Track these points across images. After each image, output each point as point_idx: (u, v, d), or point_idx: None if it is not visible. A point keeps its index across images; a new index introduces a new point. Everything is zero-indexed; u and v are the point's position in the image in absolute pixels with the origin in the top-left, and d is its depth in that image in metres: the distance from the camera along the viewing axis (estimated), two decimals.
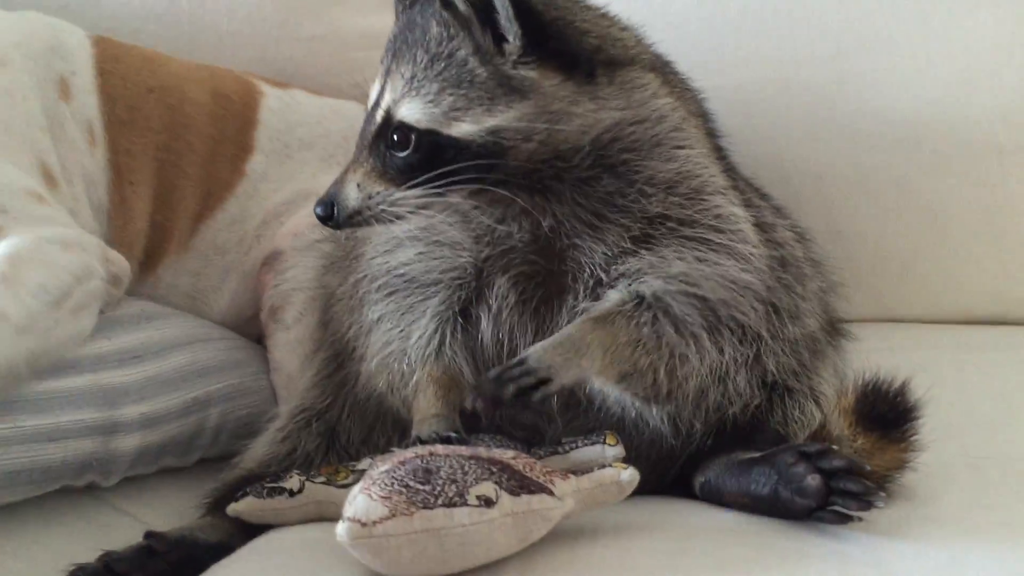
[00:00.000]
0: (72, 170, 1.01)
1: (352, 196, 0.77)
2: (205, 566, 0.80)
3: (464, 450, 0.70)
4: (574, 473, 0.72)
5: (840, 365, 0.94)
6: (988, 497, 0.78)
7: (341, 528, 0.64)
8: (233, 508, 0.82)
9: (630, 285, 0.79)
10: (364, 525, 0.63)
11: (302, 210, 1.12)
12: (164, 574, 0.81)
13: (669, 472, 0.85)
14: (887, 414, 0.78)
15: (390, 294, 0.86)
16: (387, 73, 0.78)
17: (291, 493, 0.79)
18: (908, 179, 1.19)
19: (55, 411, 0.88)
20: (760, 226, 0.87)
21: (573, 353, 0.75)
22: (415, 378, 0.83)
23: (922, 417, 0.78)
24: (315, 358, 0.96)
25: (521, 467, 0.69)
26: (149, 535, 0.82)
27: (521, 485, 0.67)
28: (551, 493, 0.68)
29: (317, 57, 1.37)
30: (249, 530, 0.83)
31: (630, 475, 0.72)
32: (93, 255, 0.93)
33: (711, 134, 0.89)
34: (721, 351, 0.79)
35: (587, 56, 0.79)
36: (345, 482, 0.77)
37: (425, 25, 0.77)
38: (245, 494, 0.82)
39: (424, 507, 0.64)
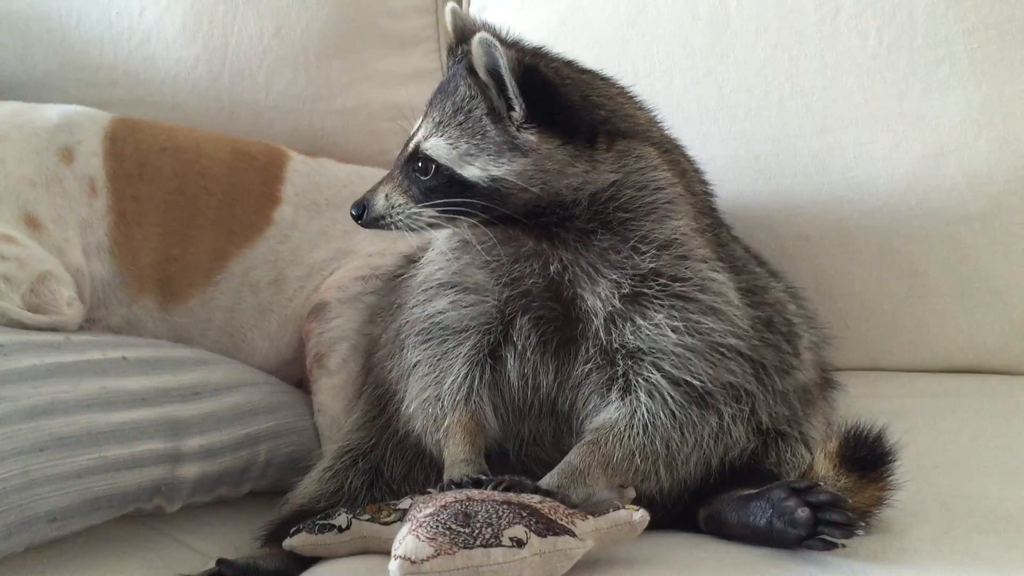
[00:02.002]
0: (66, 217, 1.14)
1: (380, 203, 0.90)
2: None
3: (498, 496, 0.77)
4: (592, 514, 0.78)
5: (830, 413, 1.01)
6: (955, 531, 0.83)
7: (393, 565, 0.72)
8: (288, 543, 0.87)
9: (627, 390, 0.86)
10: (413, 563, 0.71)
11: (343, 266, 1.22)
12: None
13: (677, 506, 0.90)
14: (866, 457, 0.83)
15: (427, 340, 0.94)
16: (426, 113, 0.90)
17: (339, 529, 0.84)
18: (888, 242, 1.23)
19: (131, 442, 0.94)
20: (752, 290, 0.94)
21: (578, 479, 0.83)
22: (446, 423, 0.90)
23: (897, 460, 0.83)
24: (359, 402, 1.03)
25: (547, 511, 0.77)
26: (220, 562, 0.88)
27: (548, 528, 0.75)
28: (573, 534, 0.75)
29: (347, 128, 1.46)
30: (303, 561, 0.89)
31: (641, 516, 0.79)
32: (13, 281, 1.03)
33: (706, 211, 0.96)
34: (719, 414, 0.87)
35: (589, 124, 0.87)
36: (388, 519, 0.83)
37: (457, 82, 0.88)
38: (299, 530, 0.87)
39: (464, 547, 0.72)
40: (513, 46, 0.89)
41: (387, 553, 0.78)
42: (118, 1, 1.47)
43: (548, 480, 0.82)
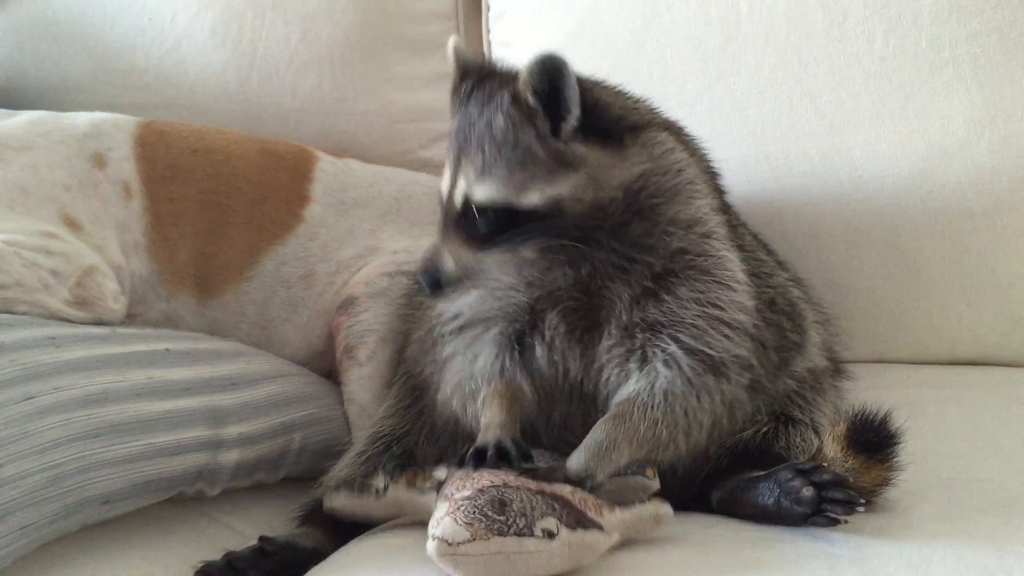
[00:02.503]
0: (103, 218, 1.18)
1: (451, 267, 0.87)
2: (303, 567, 0.91)
3: (532, 484, 0.80)
4: (619, 504, 0.82)
5: (839, 401, 1.03)
6: (955, 510, 0.85)
7: (431, 545, 0.75)
8: (329, 502, 0.90)
9: (644, 360, 0.88)
10: (450, 544, 0.75)
11: (370, 263, 1.26)
12: (271, 572, 0.91)
13: (692, 488, 0.93)
14: (872, 440, 0.86)
15: (459, 331, 0.96)
16: (457, 165, 0.88)
17: (377, 493, 0.87)
18: (894, 239, 1.25)
19: (177, 429, 0.99)
20: (757, 274, 0.96)
21: (605, 455, 0.85)
22: (482, 395, 0.93)
23: (901, 443, 0.86)
24: (391, 391, 1.06)
25: (578, 502, 0.79)
26: (263, 539, 0.93)
27: (578, 521, 0.78)
28: (601, 528, 0.79)
29: (370, 129, 1.49)
30: (337, 540, 0.94)
31: (666, 510, 0.83)
32: (61, 276, 1.07)
33: (717, 190, 0.99)
34: (729, 380, 0.89)
35: (615, 125, 0.89)
36: (424, 486, 0.86)
37: (489, 119, 0.87)
38: (340, 488, 0.90)
39: (499, 534, 0.75)
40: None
41: (419, 522, 0.83)
42: (150, 8, 1.52)
43: (576, 459, 0.84)
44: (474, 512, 0.76)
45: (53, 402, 0.92)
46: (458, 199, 0.88)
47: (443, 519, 0.77)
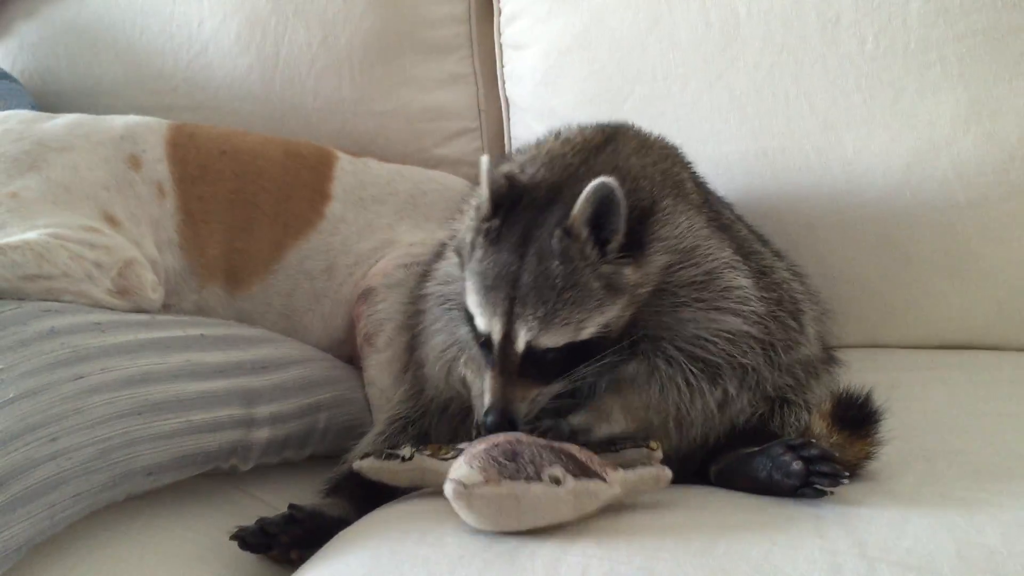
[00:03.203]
0: (139, 216, 1.24)
1: (523, 409, 0.89)
2: (330, 534, 0.95)
3: (542, 440, 0.86)
4: (623, 467, 0.87)
5: (832, 386, 1.05)
6: (935, 479, 0.90)
7: (448, 487, 0.81)
8: (358, 464, 0.94)
9: (643, 354, 0.91)
10: (465, 486, 0.81)
11: (387, 255, 1.33)
12: (300, 537, 0.96)
13: (691, 464, 0.96)
14: (855, 416, 0.90)
15: (447, 311, 1.00)
16: (511, 313, 0.87)
17: (403, 459, 0.92)
18: (885, 230, 1.28)
19: (213, 408, 1.05)
20: (761, 271, 1.00)
21: (601, 418, 0.90)
22: (465, 355, 0.96)
23: (882, 420, 0.90)
24: (405, 377, 1.10)
25: (584, 458, 0.85)
26: (292, 506, 0.98)
27: (582, 471, 0.83)
28: (604, 480, 0.83)
29: (388, 129, 1.55)
30: (362, 511, 0.98)
31: (667, 473, 0.87)
32: (104, 267, 1.12)
33: (707, 200, 1.02)
34: (725, 391, 0.93)
35: (636, 226, 0.89)
36: (446, 456, 0.91)
37: (542, 263, 0.86)
38: (368, 455, 0.95)
39: (509, 479, 0.81)
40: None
41: (440, 491, 0.87)
42: (178, 14, 1.57)
43: (575, 418, 0.89)
44: (488, 460, 0.82)
45: (100, 382, 0.99)
46: (520, 346, 0.88)
47: (460, 466, 0.83)
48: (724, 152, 1.32)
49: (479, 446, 0.85)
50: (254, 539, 0.96)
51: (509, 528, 0.82)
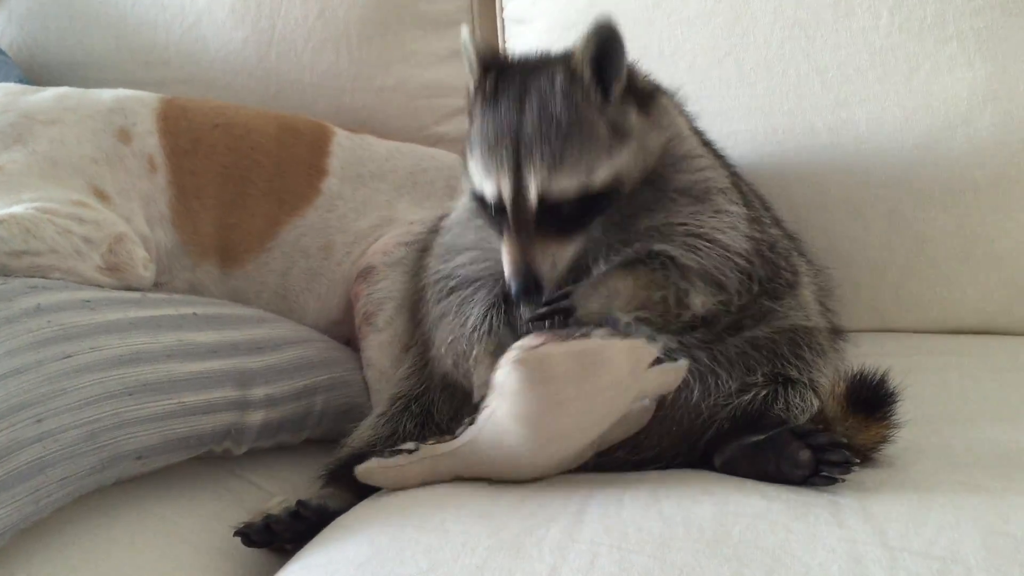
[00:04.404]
0: (129, 191, 1.21)
1: (548, 269, 0.86)
2: None
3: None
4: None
5: (839, 363, 1.03)
6: (952, 465, 0.88)
7: (511, 354, 0.80)
8: (362, 468, 0.92)
9: (643, 241, 0.89)
10: (528, 349, 0.79)
11: (387, 233, 1.30)
12: (304, 532, 0.92)
13: (695, 452, 0.94)
14: (870, 399, 0.88)
15: (449, 292, 0.98)
16: (517, 164, 0.84)
17: (409, 452, 0.90)
18: (899, 210, 1.27)
19: (206, 389, 1.02)
20: (756, 219, 0.97)
21: (600, 290, 0.87)
22: (474, 353, 0.94)
23: (898, 402, 0.88)
24: (409, 353, 1.08)
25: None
26: (299, 503, 0.95)
27: (625, 334, 0.83)
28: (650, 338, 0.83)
29: (386, 105, 1.52)
30: (362, 499, 0.94)
31: (685, 362, 0.87)
32: (93, 243, 1.10)
33: (706, 144, 1.00)
34: (711, 294, 0.91)
35: (639, 92, 0.89)
36: (456, 435, 0.88)
37: (542, 106, 0.84)
38: (370, 457, 0.91)
39: (567, 340, 0.80)
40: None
41: (453, 478, 0.86)
42: None
43: (578, 292, 0.86)
44: (540, 332, 0.81)
45: (89, 361, 0.96)
46: (532, 198, 0.85)
47: (517, 343, 0.82)
48: (733, 130, 1.30)
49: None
50: (258, 536, 0.94)
51: (570, 385, 0.81)
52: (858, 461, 0.84)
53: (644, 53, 1.34)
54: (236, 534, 0.94)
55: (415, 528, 0.83)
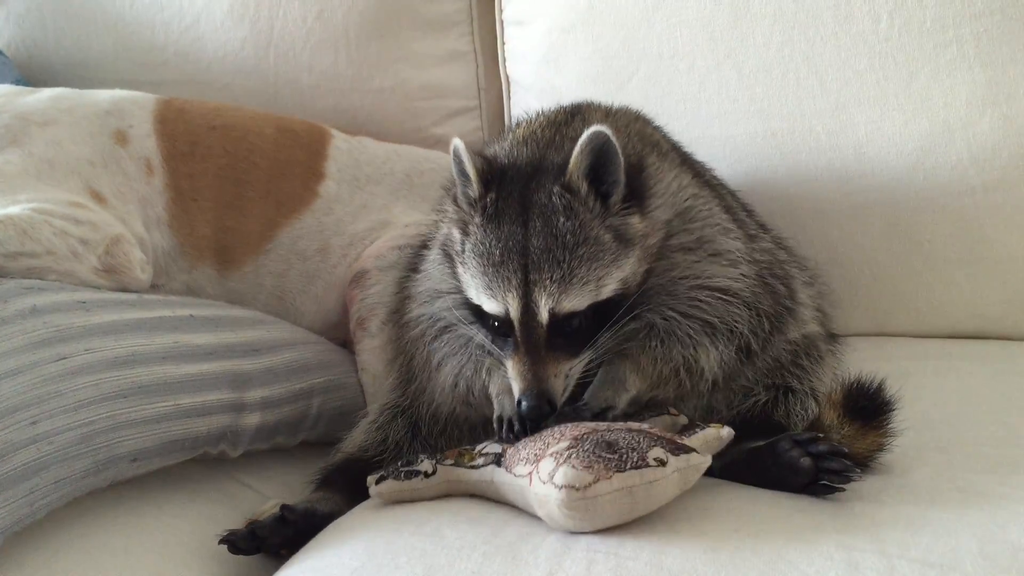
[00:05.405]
0: (126, 193, 1.21)
1: (560, 386, 0.86)
2: (320, 530, 0.91)
3: (622, 425, 0.81)
4: (685, 434, 0.84)
5: (837, 368, 1.04)
6: (950, 472, 0.88)
7: (559, 495, 0.75)
8: (376, 491, 0.90)
9: (643, 314, 0.89)
10: (578, 489, 0.75)
11: (382, 236, 1.30)
12: (292, 537, 0.93)
13: None
14: (867, 407, 0.88)
15: (443, 331, 0.96)
16: (526, 284, 0.84)
17: (426, 475, 0.88)
18: (897, 215, 1.26)
19: (202, 391, 1.02)
20: (751, 236, 0.98)
21: (618, 385, 0.87)
22: (486, 364, 0.92)
23: (895, 410, 0.88)
24: (394, 365, 1.07)
25: (661, 433, 0.82)
26: (284, 507, 0.94)
27: (677, 448, 0.80)
28: (696, 451, 0.80)
29: (384, 106, 1.52)
30: (354, 504, 0.95)
31: (728, 432, 0.85)
32: (90, 244, 1.09)
33: (676, 147, 0.99)
34: (726, 342, 0.91)
35: (634, 179, 0.87)
36: (473, 464, 0.86)
37: (546, 224, 0.84)
38: (383, 478, 0.90)
39: (618, 471, 0.76)
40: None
41: (470, 495, 0.84)
42: None
43: (590, 395, 0.86)
44: (588, 456, 0.76)
45: (84, 363, 0.95)
46: (543, 316, 0.85)
47: (557, 471, 0.76)
48: (732, 133, 1.30)
49: (559, 444, 0.79)
50: (244, 543, 0.93)
51: (621, 521, 0.78)
52: (858, 470, 0.83)
53: (643, 55, 1.37)
54: (221, 542, 0.93)
55: (411, 533, 0.82)
